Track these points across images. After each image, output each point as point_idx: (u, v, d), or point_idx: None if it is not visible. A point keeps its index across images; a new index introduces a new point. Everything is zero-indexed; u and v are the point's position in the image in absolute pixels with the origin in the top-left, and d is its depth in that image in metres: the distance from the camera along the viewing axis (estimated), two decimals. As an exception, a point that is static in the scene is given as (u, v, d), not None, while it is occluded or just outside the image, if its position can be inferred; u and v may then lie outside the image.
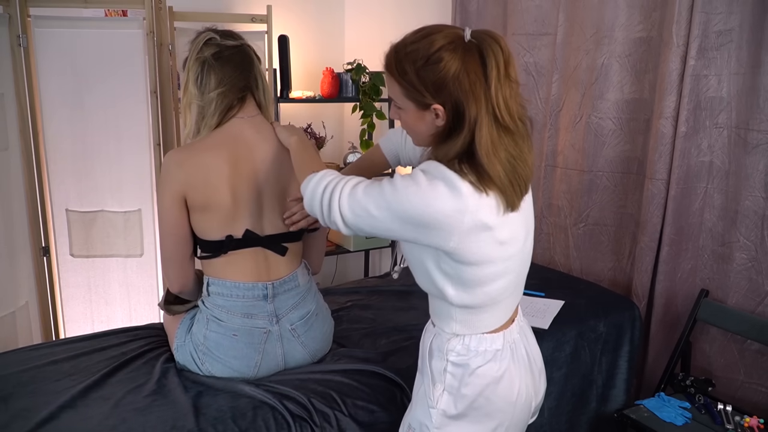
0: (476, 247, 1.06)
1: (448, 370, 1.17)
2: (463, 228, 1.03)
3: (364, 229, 1.11)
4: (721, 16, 1.93)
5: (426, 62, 1.03)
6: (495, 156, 1.03)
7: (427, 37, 1.04)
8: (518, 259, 1.16)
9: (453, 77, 1.02)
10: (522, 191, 1.09)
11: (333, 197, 1.11)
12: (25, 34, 2.31)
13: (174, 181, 1.41)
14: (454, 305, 1.15)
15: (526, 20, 2.53)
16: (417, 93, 1.06)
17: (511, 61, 1.05)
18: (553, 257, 2.59)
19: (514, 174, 1.06)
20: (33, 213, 2.43)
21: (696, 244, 2.10)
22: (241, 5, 3.13)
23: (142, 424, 1.32)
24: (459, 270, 1.10)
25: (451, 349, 1.17)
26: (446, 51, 1.02)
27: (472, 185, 1.03)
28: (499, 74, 1.02)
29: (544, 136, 2.55)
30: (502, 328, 1.19)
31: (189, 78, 1.45)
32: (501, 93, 1.03)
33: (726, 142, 1.99)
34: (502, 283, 1.14)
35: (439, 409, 1.17)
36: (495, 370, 1.16)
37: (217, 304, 1.50)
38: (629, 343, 2.02)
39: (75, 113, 2.42)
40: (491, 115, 1.03)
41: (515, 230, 1.12)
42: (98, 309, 2.59)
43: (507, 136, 1.06)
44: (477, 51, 1.03)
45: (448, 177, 1.02)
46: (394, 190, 1.05)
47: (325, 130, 3.40)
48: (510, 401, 1.17)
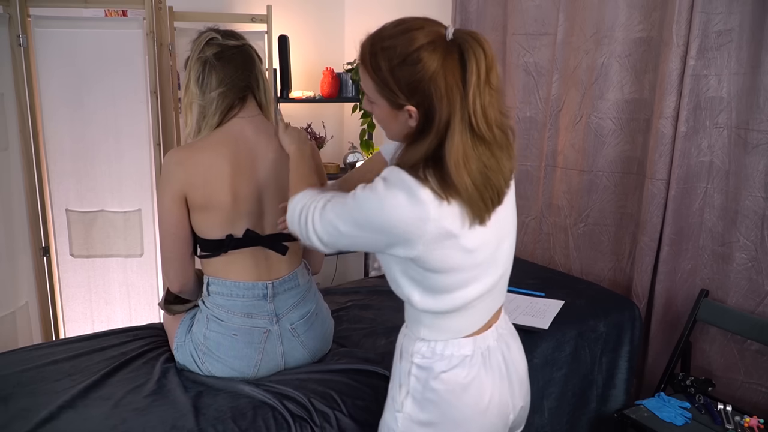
0: (441, 255, 1.02)
1: (412, 373, 1.13)
2: (427, 237, 0.99)
3: (340, 246, 1.08)
4: (721, 16, 1.93)
5: (402, 61, 0.97)
6: (465, 167, 0.97)
7: (407, 33, 0.98)
8: (491, 265, 1.10)
9: (429, 79, 0.96)
10: (494, 203, 1.03)
11: (307, 219, 1.09)
12: (25, 34, 2.31)
13: (174, 180, 1.41)
14: (419, 310, 1.11)
15: (526, 20, 2.53)
16: (390, 92, 1.00)
17: (494, 66, 0.98)
18: (553, 257, 2.59)
19: (485, 185, 1.00)
20: (33, 213, 2.42)
21: (696, 244, 2.10)
22: (241, 5, 3.13)
23: (142, 424, 1.32)
24: (426, 277, 1.06)
25: (417, 351, 1.13)
26: (425, 51, 0.96)
27: (433, 192, 0.97)
28: (479, 80, 0.96)
29: (544, 136, 2.55)
30: (475, 334, 1.14)
31: (190, 77, 1.46)
32: (479, 100, 0.96)
33: (726, 142, 1.99)
34: (472, 290, 1.09)
35: (404, 413, 1.14)
36: (462, 377, 1.11)
37: (218, 303, 1.50)
38: (629, 343, 2.02)
39: (75, 113, 2.42)
40: (466, 122, 0.96)
41: (485, 237, 1.06)
42: (98, 309, 2.59)
43: (482, 146, 0.99)
44: (458, 52, 0.97)
45: (407, 184, 0.97)
46: (356, 202, 1.02)
47: (325, 130, 3.40)
48: (479, 410, 1.12)
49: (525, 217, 2.73)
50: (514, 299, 2.01)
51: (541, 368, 1.78)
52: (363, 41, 1.03)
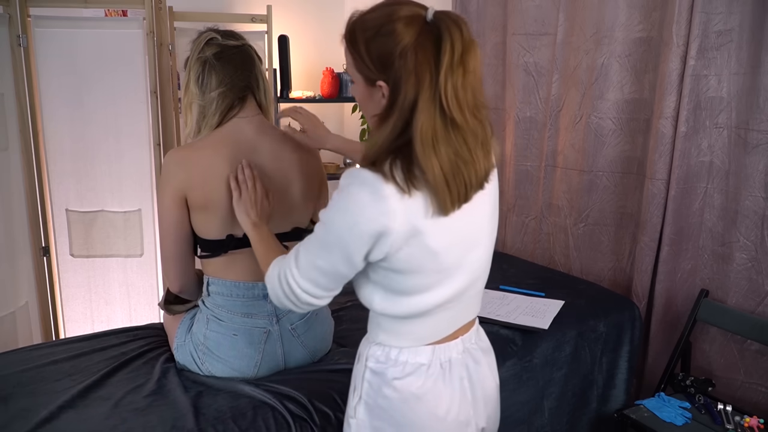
0: (407, 254, 0.98)
1: (365, 378, 1.10)
2: (394, 233, 0.95)
3: (329, 286, 1.04)
4: (721, 16, 1.93)
5: (376, 33, 0.95)
6: (434, 148, 0.93)
7: (388, 7, 0.97)
8: (456, 272, 1.05)
9: (400, 53, 0.93)
10: (461, 197, 0.98)
11: (288, 281, 1.05)
12: (25, 34, 2.31)
13: (174, 180, 1.41)
14: (379, 313, 1.08)
15: (526, 20, 2.53)
16: (364, 66, 0.98)
17: (472, 49, 0.94)
18: (553, 257, 2.59)
19: (454, 175, 0.95)
20: (33, 213, 2.43)
21: (696, 244, 2.10)
22: (241, 5, 3.13)
23: (142, 424, 1.32)
24: (388, 278, 1.02)
25: (371, 354, 1.10)
26: (400, 23, 0.93)
27: (396, 186, 0.93)
28: (453, 60, 0.92)
29: (544, 136, 2.55)
30: (436, 343, 1.09)
31: (190, 78, 1.46)
32: (451, 81, 0.92)
33: (726, 142, 1.99)
34: (434, 296, 1.04)
35: (357, 419, 1.10)
36: (416, 386, 1.07)
37: (218, 303, 1.50)
38: (629, 343, 2.02)
39: (75, 113, 2.43)
40: (437, 102, 0.92)
41: (452, 240, 1.01)
42: (98, 309, 2.60)
43: (454, 131, 0.94)
44: (435, 32, 0.93)
45: (368, 181, 0.94)
46: (323, 225, 1.00)
47: (325, 130, 3.39)
48: (434, 423, 1.08)
49: (525, 217, 2.73)
50: (514, 299, 2.01)
51: (541, 368, 1.78)
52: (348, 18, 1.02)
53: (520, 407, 1.74)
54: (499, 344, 1.72)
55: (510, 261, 2.48)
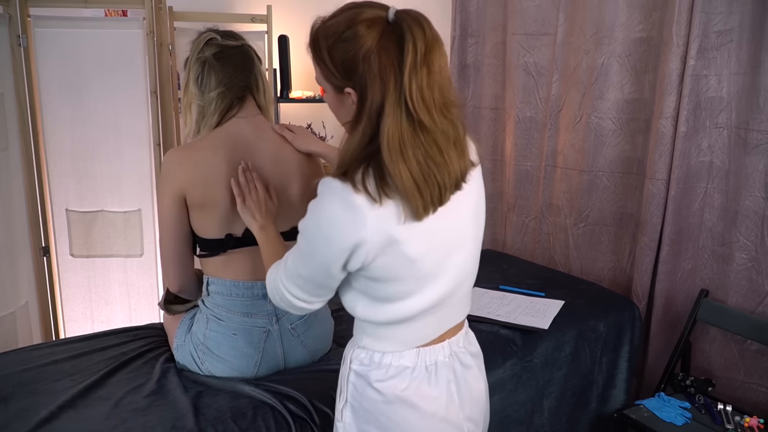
0: (384, 262, 0.97)
1: (350, 380, 1.09)
2: (369, 243, 0.94)
3: (321, 293, 1.05)
4: (721, 16, 1.93)
5: (338, 39, 0.93)
6: (401, 154, 0.90)
7: (349, 11, 0.94)
8: (437, 278, 1.03)
9: (363, 58, 0.90)
10: (434, 200, 0.95)
11: (281, 288, 1.08)
12: (25, 34, 2.31)
13: (174, 180, 1.41)
14: (362, 320, 1.08)
15: (526, 20, 2.53)
16: (330, 73, 0.95)
17: (436, 47, 0.91)
18: (553, 257, 2.59)
19: (426, 179, 0.93)
20: (33, 213, 2.43)
21: (696, 244, 2.10)
22: (241, 5, 3.13)
23: (142, 424, 1.32)
24: (369, 287, 1.02)
25: (355, 357, 1.10)
26: (361, 27, 0.91)
27: (367, 196, 0.91)
28: (416, 59, 0.88)
29: (544, 136, 2.55)
30: (421, 347, 1.08)
31: (190, 77, 1.46)
32: (415, 81, 0.89)
33: (726, 142, 1.99)
34: (415, 302, 1.03)
35: (344, 423, 1.10)
36: (399, 389, 1.05)
37: (217, 303, 1.50)
38: (629, 343, 2.02)
39: (75, 113, 2.42)
40: (402, 106, 0.89)
41: (429, 247, 0.99)
42: (98, 309, 2.60)
43: (423, 133, 0.91)
44: (397, 32, 0.90)
45: (339, 193, 0.92)
46: (302, 237, 1.00)
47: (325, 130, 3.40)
48: (418, 426, 1.07)
49: (525, 217, 2.73)
50: (514, 299, 2.01)
51: (541, 368, 1.78)
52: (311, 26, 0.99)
53: (520, 407, 1.74)
54: (499, 344, 1.72)
55: (510, 261, 2.48)
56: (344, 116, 1.00)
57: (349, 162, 0.94)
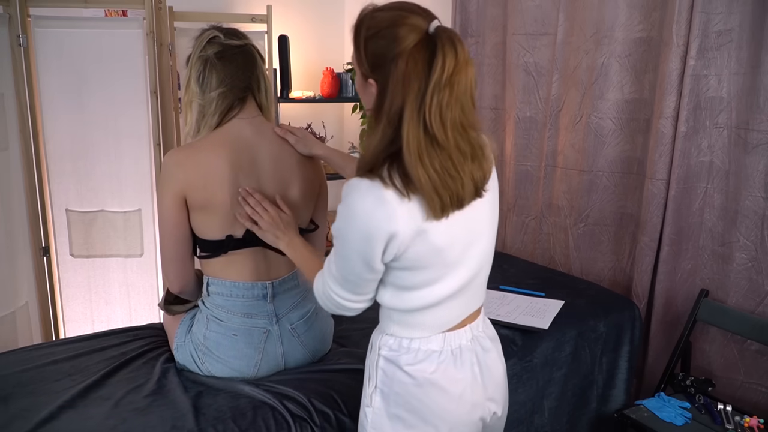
0: (414, 253, 1.03)
1: (380, 366, 1.14)
2: (401, 235, 0.99)
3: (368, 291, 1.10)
4: (721, 16, 1.93)
5: (376, 33, 0.98)
6: (419, 160, 0.95)
7: (397, 11, 0.99)
8: (459, 265, 1.09)
9: (392, 59, 0.95)
10: (453, 204, 1.01)
11: (331, 295, 1.12)
12: (25, 34, 2.32)
13: (174, 181, 1.41)
14: (389, 308, 1.13)
15: (526, 20, 2.53)
16: (359, 60, 1.01)
17: (465, 69, 0.95)
18: (553, 257, 2.59)
19: (444, 187, 0.98)
20: (33, 213, 2.43)
21: (696, 244, 2.10)
22: (241, 5, 3.13)
23: (142, 424, 1.32)
24: (396, 276, 1.08)
25: (384, 344, 1.14)
26: (401, 30, 0.95)
27: (396, 191, 0.97)
28: (442, 77, 0.93)
29: (544, 136, 2.55)
30: (446, 331, 1.14)
31: (191, 76, 1.45)
32: (436, 98, 0.93)
33: (726, 142, 1.99)
34: (439, 289, 1.09)
35: (374, 408, 1.14)
36: (429, 371, 1.11)
37: (217, 303, 1.50)
38: (629, 343, 2.02)
39: (75, 113, 2.43)
40: (420, 118, 0.94)
41: (455, 237, 1.05)
42: (98, 309, 2.60)
43: (437, 149, 0.96)
44: (431, 47, 0.95)
45: (370, 189, 0.98)
46: (337, 241, 1.05)
47: (325, 130, 3.40)
48: (449, 406, 1.12)
49: (525, 217, 2.73)
50: (514, 299, 2.01)
51: (541, 368, 1.78)
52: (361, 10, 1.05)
53: (520, 407, 1.74)
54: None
55: (510, 261, 2.48)
56: (366, 101, 1.07)
57: (373, 160, 1.00)
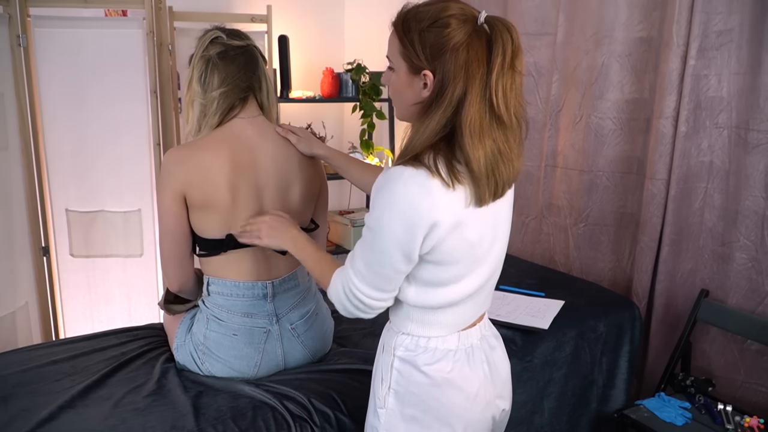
0: (448, 246, 1.03)
1: (395, 367, 1.13)
2: (443, 225, 1.00)
3: (394, 287, 1.07)
4: (721, 16, 1.93)
5: (432, 23, 0.99)
6: (480, 140, 0.98)
7: (443, 2, 1.02)
8: (483, 261, 1.11)
9: (453, 47, 0.98)
10: (496, 191, 1.04)
11: (357, 295, 1.08)
12: (25, 33, 2.31)
13: (174, 179, 1.41)
14: (411, 306, 1.11)
15: (526, 20, 2.53)
16: (413, 53, 1.01)
17: (520, 54, 1.01)
18: (553, 257, 2.59)
19: (493, 170, 1.01)
20: (33, 213, 2.42)
21: (696, 244, 2.10)
22: (241, 5, 3.13)
23: (142, 424, 1.32)
24: (425, 270, 1.06)
25: (400, 344, 1.13)
26: (455, 19, 0.99)
27: (441, 181, 0.98)
28: (504, 62, 0.98)
29: (544, 136, 2.55)
30: (461, 331, 1.15)
31: (193, 75, 1.46)
32: (501, 81, 0.98)
33: (726, 142, 1.99)
34: (464, 286, 1.10)
35: (387, 409, 1.13)
36: (446, 371, 1.11)
37: (217, 303, 1.50)
38: (629, 343, 2.02)
39: (75, 113, 2.42)
40: (486, 100, 0.98)
41: (484, 231, 1.07)
42: (98, 309, 2.59)
43: (499, 128, 1.00)
44: (486, 35, 0.99)
45: (415, 177, 0.98)
46: (374, 231, 1.02)
47: (325, 130, 3.40)
48: (464, 405, 1.12)
49: (525, 217, 2.73)
50: (514, 299, 2.01)
51: (541, 368, 1.78)
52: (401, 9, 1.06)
53: (520, 407, 1.74)
54: (499, 344, 1.72)
55: (510, 261, 2.47)
56: (409, 97, 1.06)
57: (421, 146, 1.00)
